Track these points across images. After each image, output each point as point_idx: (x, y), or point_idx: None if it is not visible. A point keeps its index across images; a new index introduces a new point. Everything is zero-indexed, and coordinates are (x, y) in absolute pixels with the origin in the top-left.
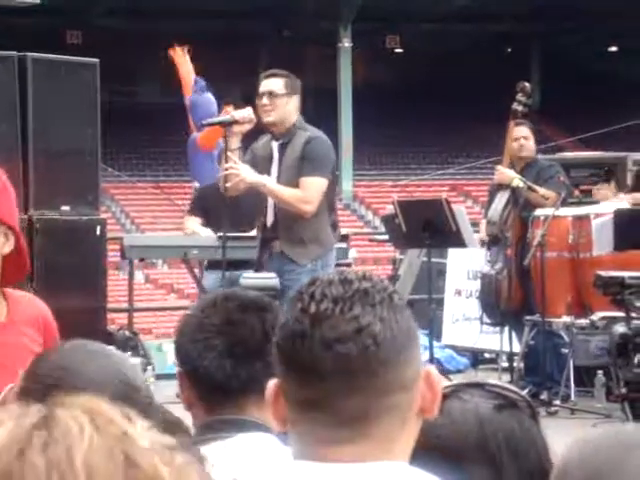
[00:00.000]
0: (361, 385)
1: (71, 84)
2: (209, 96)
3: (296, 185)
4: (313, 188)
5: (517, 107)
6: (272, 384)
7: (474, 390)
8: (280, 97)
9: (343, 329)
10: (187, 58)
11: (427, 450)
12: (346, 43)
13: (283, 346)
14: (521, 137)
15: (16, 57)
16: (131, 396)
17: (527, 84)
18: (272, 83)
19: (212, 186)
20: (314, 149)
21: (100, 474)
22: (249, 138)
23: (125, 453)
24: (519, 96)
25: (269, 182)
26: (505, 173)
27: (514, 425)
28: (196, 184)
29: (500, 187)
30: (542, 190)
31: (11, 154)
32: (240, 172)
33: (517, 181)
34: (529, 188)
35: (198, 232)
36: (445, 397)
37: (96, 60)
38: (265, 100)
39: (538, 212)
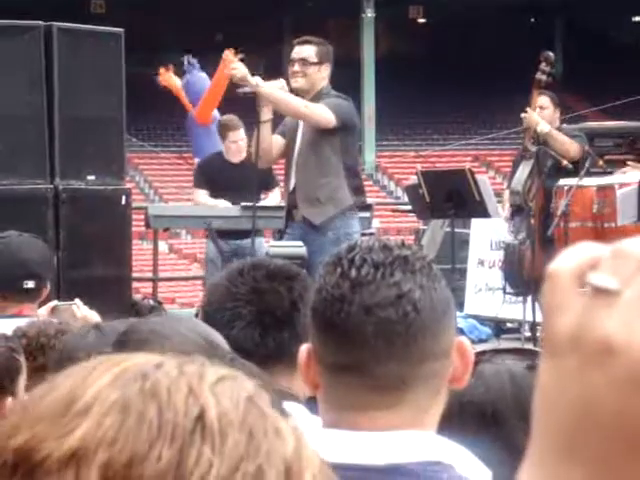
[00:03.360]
0: (399, 351)
1: (96, 54)
2: (202, 74)
3: (318, 146)
4: (334, 107)
5: (540, 77)
6: (304, 348)
7: (504, 355)
8: (312, 65)
9: (384, 294)
10: (171, 75)
11: (462, 414)
12: (369, 13)
13: (321, 310)
14: (538, 107)
15: (42, 27)
16: (216, 353)
17: (550, 53)
18: (305, 50)
19: (215, 157)
20: (336, 101)
21: (226, 397)
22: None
23: (246, 397)
24: (542, 65)
25: (267, 86)
26: (531, 116)
27: None
28: (196, 159)
29: (524, 157)
30: (566, 138)
31: (37, 124)
32: (256, 82)
33: (542, 126)
34: (553, 137)
35: (211, 204)
36: (477, 363)
37: (121, 30)
38: (297, 67)
39: (562, 182)
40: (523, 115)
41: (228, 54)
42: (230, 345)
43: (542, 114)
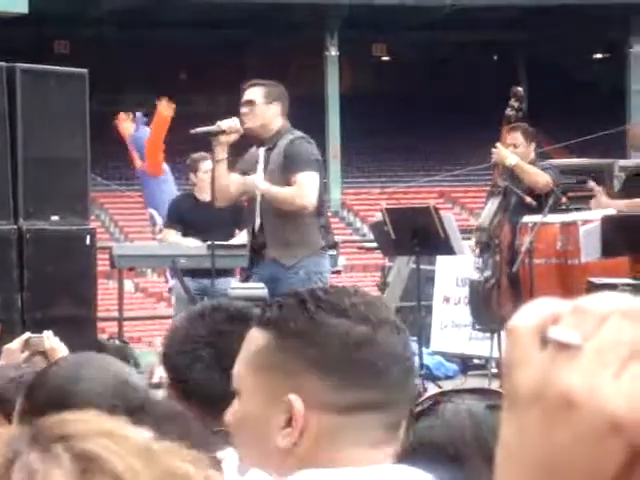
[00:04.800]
0: (412, 389)
1: (60, 94)
2: (147, 129)
3: (283, 186)
4: (306, 182)
5: (510, 112)
6: (296, 399)
7: (464, 394)
8: (258, 105)
9: (398, 336)
10: (128, 124)
11: (422, 453)
12: (333, 51)
13: (343, 355)
14: (511, 144)
15: (5, 67)
16: (125, 395)
17: (520, 89)
18: (251, 92)
19: (185, 197)
20: (297, 148)
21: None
22: (237, 149)
23: (164, 469)
24: (512, 101)
25: (262, 183)
26: (500, 152)
27: None
28: (151, 211)
29: (493, 193)
30: (534, 169)
31: (0, 165)
32: (257, 184)
33: (509, 159)
34: (522, 169)
35: (181, 243)
36: (437, 403)
37: (85, 70)
38: (244, 109)
39: (526, 219)
40: (493, 150)
41: (163, 103)
42: (191, 388)
43: (515, 152)
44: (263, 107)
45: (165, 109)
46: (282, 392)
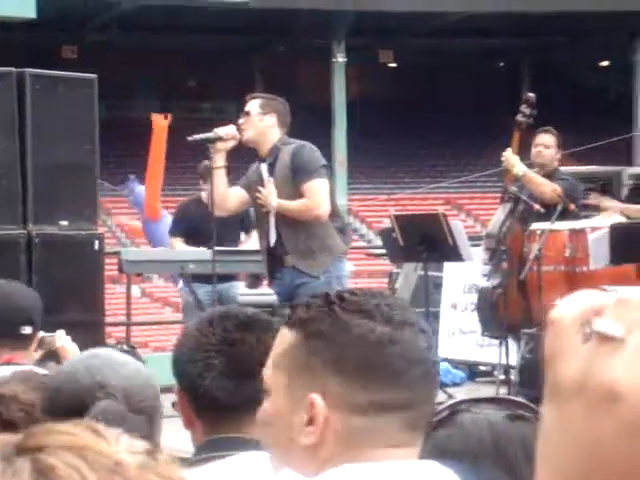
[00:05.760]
0: (433, 391)
1: (69, 99)
2: (139, 188)
3: (292, 197)
4: (316, 191)
5: (521, 118)
6: (317, 398)
7: (482, 404)
8: (254, 116)
9: (422, 337)
10: (164, 131)
11: (440, 461)
12: (340, 58)
13: (361, 353)
14: (541, 144)
15: (15, 73)
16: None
17: (532, 95)
18: (249, 105)
19: (189, 204)
20: (302, 157)
21: None
22: (234, 157)
23: None
24: (523, 107)
25: (274, 200)
26: (509, 158)
27: (526, 431)
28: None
29: (503, 199)
30: (541, 179)
31: (10, 170)
32: (270, 201)
33: (517, 168)
34: (529, 179)
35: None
36: (455, 412)
37: (94, 76)
38: (241, 120)
39: (534, 226)
40: (503, 155)
41: (157, 118)
42: (202, 396)
43: (544, 152)
44: (257, 118)
45: (160, 122)
46: (306, 391)
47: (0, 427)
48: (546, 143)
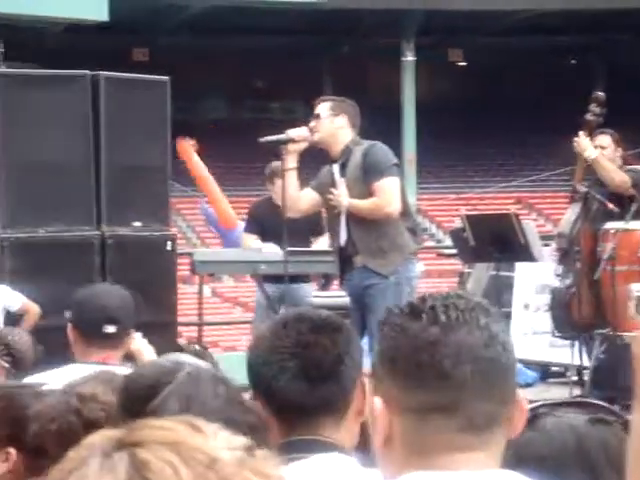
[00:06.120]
0: (493, 391)
1: (142, 102)
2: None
3: (364, 196)
4: (387, 189)
5: (590, 117)
6: (378, 400)
7: (566, 407)
8: (324, 118)
9: (477, 336)
10: (191, 151)
11: (522, 465)
12: (409, 57)
13: (409, 355)
14: (598, 146)
15: (89, 76)
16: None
17: (601, 94)
18: (320, 107)
19: (261, 204)
20: (373, 156)
21: None
22: (307, 158)
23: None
24: (593, 106)
25: (346, 199)
26: (581, 142)
27: (609, 436)
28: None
29: (573, 199)
30: (612, 166)
31: (85, 171)
32: (341, 201)
33: (589, 152)
34: (600, 164)
35: (260, 248)
36: (537, 416)
37: (166, 78)
38: (312, 123)
39: (608, 225)
40: (574, 140)
41: (181, 142)
42: (277, 398)
43: (602, 154)
44: (328, 120)
45: (184, 145)
46: (374, 395)
47: (82, 426)
48: (602, 144)
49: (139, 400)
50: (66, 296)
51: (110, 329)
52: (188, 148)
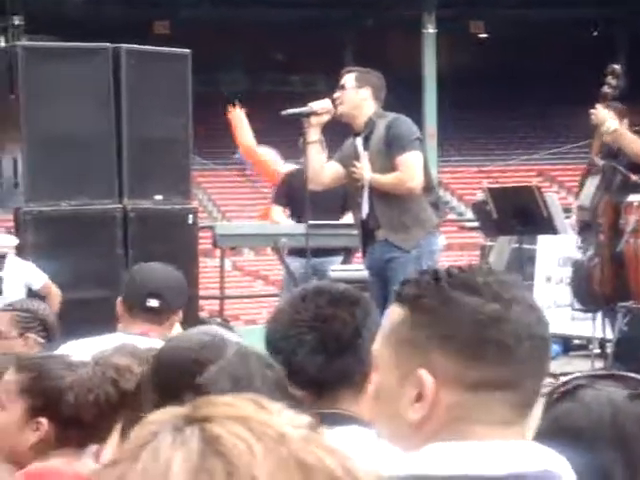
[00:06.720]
0: (543, 368)
1: (163, 75)
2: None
3: (387, 170)
4: (409, 164)
5: (607, 90)
6: (427, 374)
7: (606, 381)
8: (348, 90)
9: (531, 313)
10: (239, 112)
11: (559, 435)
12: (430, 29)
13: (471, 330)
14: None
15: (111, 49)
16: (218, 344)
17: (617, 66)
18: (345, 78)
19: (297, 173)
20: (396, 129)
21: None
22: (330, 131)
23: (294, 457)
24: (609, 79)
25: (368, 173)
26: (599, 113)
27: None
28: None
29: (590, 172)
30: (634, 137)
31: (106, 144)
32: (364, 174)
33: (609, 123)
34: (620, 135)
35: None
36: (579, 387)
37: (187, 51)
38: (336, 94)
39: (631, 198)
40: (592, 111)
41: (232, 111)
42: (296, 371)
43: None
44: (353, 91)
45: (235, 113)
46: (414, 367)
47: (118, 397)
48: None
49: (183, 374)
50: (88, 269)
51: (153, 303)
52: (237, 117)
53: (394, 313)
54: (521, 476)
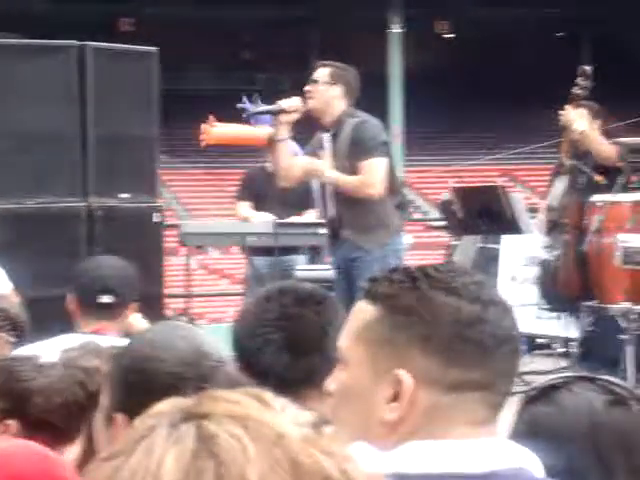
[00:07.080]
0: (516, 368)
1: (129, 73)
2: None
3: (350, 172)
4: (373, 169)
5: (577, 91)
6: (406, 375)
7: (585, 384)
8: (321, 84)
9: (508, 315)
10: (217, 127)
11: (534, 437)
12: (396, 29)
13: (454, 332)
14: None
15: (77, 46)
16: (200, 362)
17: (588, 68)
18: (318, 72)
19: (259, 170)
20: (363, 132)
21: None
22: (300, 128)
23: (288, 458)
24: (579, 80)
25: (330, 172)
26: (568, 114)
27: (624, 420)
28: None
29: (559, 172)
30: (601, 138)
31: (71, 142)
32: (323, 170)
33: (577, 124)
34: (588, 136)
35: (251, 217)
36: (556, 388)
37: (154, 49)
38: (308, 87)
39: (595, 198)
40: (561, 112)
41: (205, 127)
42: (262, 370)
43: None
44: (324, 87)
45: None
46: (390, 366)
47: (86, 399)
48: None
49: (159, 388)
50: (52, 267)
51: (106, 299)
52: (210, 129)
53: (365, 311)
54: (498, 474)
